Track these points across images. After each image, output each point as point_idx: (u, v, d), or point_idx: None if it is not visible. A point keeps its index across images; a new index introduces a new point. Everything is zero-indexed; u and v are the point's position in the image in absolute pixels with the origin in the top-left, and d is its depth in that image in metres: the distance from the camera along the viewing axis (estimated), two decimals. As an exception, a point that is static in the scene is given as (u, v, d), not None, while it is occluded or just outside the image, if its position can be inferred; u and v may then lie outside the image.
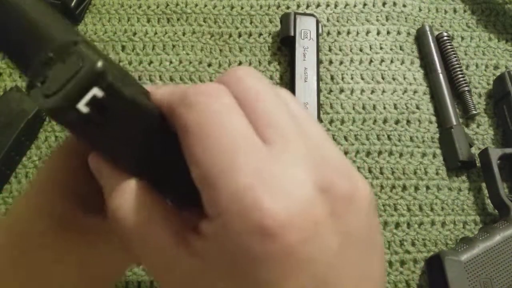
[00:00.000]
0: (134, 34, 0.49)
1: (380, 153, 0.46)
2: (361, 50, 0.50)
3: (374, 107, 0.47)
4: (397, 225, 0.43)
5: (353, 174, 0.18)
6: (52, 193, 0.22)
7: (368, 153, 0.46)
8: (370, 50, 0.50)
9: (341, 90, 0.48)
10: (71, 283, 0.23)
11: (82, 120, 0.16)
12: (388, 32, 0.51)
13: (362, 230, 0.17)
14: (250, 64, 0.48)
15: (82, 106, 0.15)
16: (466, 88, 0.47)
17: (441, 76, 0.48)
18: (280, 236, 0.15)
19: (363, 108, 0.47)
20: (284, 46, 0.49)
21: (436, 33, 0.50)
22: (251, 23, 0.50)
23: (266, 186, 0.15)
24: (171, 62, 0.48)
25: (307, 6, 0.51)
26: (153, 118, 0.18)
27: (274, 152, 0.16)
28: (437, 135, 0.47)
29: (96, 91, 0.15)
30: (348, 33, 0.50)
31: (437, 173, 0.45)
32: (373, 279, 0.18)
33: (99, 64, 0.15)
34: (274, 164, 0.16)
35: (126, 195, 0.18)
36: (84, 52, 0.15)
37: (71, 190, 0.22)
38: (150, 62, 0.48)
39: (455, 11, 0.52)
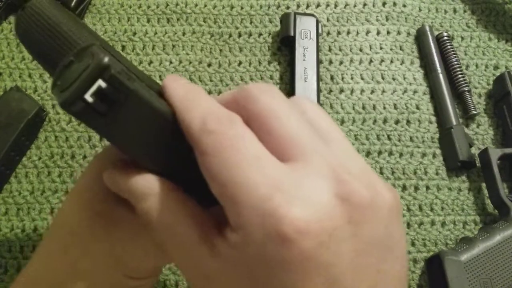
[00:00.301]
0: (134, 34, 0.49)
1: (380, 153, 0.46)
2: (361, 50, 0.50)
3: (374, 107, 0.47)
4: (397, 225, 0.43)
5: (374, 182, 0.18)
6: (95, 185, 0.24)
7: (368, 153, 0.46)
8: (370, 50, 0.50)
9: (341, 90, 0.48)
10: (95, 272, 0.24)
11: (89, 109, 0.17)
12: (388, 32, 0.51)
13: (380, 238, 0.18)
14: (250, 64, 0.49)
15: (88, 96, 0.17)
16: (466, 88, 0.47)
17: (441, 76, 0.48)
18: (297, 241, 0.16)
19: (363, 108, 0.47)
20: (284, 46, 0.49)
21: (436, 33, 0.50)
22: (251, 23, 0.50)
23: (284, 196, 0.16)
24: (171, 62, 0.48)
25: (307, 6, 0.51)
26: (162, 116, 0.19)
27: (292, 167, 0.18)
28: (437, 135, 0.47)
29: (100, 83, 0.17)
30: (348, 33, 0.50)
31: (437, 173, 0.45)
32: (389, 287, 0.18)
33: (105, 59, 0.17)
34: (291, 177, 0.17)
35: (151, 198, 0.20)
36: (95, 51, 0.17)
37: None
38: (150, 62, 0.48)
39: (455, 11, 0.52)
